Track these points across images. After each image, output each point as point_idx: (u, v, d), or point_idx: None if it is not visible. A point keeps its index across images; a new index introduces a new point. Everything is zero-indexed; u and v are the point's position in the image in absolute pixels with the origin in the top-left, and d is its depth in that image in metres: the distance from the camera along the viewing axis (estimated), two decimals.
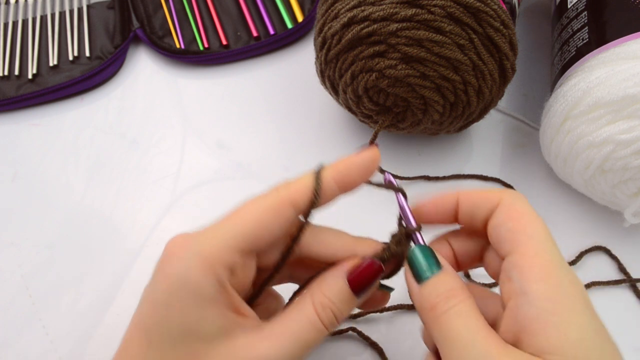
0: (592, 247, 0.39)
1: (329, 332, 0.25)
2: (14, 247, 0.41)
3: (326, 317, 0.25)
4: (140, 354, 0.24)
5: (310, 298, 0.25)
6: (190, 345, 0.23)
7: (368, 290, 0.26)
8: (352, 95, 0.38)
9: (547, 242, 0.24)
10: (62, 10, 0.53)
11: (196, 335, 0.23)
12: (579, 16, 0.38)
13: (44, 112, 0.49)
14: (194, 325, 0.23)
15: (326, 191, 0.26)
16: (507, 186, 0.42)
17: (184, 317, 0.23)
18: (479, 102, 0.37)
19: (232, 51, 0.50)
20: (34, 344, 0.36)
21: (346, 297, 0.25)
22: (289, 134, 0.46)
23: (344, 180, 0.26)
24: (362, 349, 0.35)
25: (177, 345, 0.23)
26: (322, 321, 0.25)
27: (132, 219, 0.42)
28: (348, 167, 0.26)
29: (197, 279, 0.23)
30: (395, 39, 0.34)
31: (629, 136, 0.32)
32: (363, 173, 0.26)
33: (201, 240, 0.24)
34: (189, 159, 0.45)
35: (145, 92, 0.49)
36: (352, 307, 0.26)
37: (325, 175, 0.26)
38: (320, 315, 0.25)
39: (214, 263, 0.23)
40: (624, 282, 0.37)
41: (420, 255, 0.25)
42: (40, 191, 0.44)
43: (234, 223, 0.25)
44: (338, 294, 0.25)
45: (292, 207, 0.25)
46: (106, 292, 0.38)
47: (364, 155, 0.26)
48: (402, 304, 0.36)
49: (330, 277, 0.26)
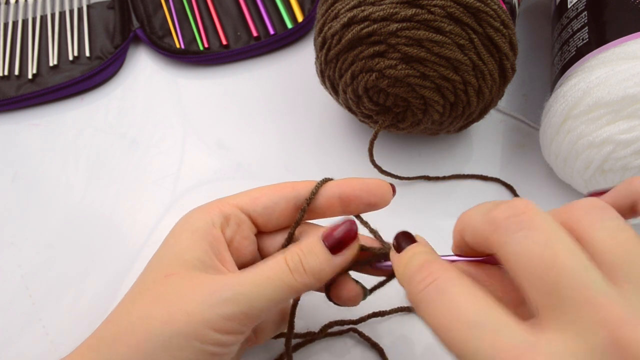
0: None
1: (294, 277, 0.25)
2: (14, 247, 0.41)
3: (292, 260, 0.26)
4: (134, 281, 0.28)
5: (283, 251, 0.27)
6: (169, 265, 0.26)
7: (342, 247, 0.26)
8: (352, 95, 0.38)
9: None
10: (62, 10, 0.53)
11: (176, 258, 0.26)
12: (579, 16, 0.38)
13: (44, 112, 0.49)
14: (178, 249, 0.27)
15: (325, 193, 0.29)
16: (507, 186, 0.42)
17: (174, 242, 0.27)
18: (479, 102, 0.37)
19: (232, 51, 0.50)
20: (34, 344, 0.36)
21: (316, 248, 0.26)
22: (289, 134, 0.46)
23: (345, 190, 0.28)
24: (363, 350, 0.35)
25: (160, 264, 0.27)
26: (288, 263, 0.26)
27: (132, 219, 0.42)
28: (353, 180, 0.29)
29: (196, 215, 0.28)
30: (395, 39, 0.34)
31: (629, 136, 0.32)
32: (365, 191, 0.28)
33: (208, 204, 0.29)
34: (189, 159, 0.45)
35: (145, 92, 0.49)
36: (323, 260, 0.26)
37: (331, 181, 0.29)
38: (286, 258, 0.26)
39: (213, 208, 0.28)
40: None
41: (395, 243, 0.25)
42: (40, 191, 0.44)
43: (240, 193, 0.29)
44: (308, 244, 0.27)
45: (294, 190, 0.29)
46: (106, 292, 0.38)
47: (372, 179, 0.29)
48: (402, 306, 0.36)
49: (306, 237, 0.28)
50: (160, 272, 0.26)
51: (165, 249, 0.28)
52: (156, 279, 0.26)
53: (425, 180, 0.42)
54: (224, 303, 0.24)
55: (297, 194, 0.28)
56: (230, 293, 0.25)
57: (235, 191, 0.44)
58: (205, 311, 0.24)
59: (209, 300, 0.24)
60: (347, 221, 0.27)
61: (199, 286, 0.25)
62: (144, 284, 0.27)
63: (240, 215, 0.28)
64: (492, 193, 0.42)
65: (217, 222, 0.27)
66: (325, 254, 0.26)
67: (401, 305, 0.36)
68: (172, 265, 0.26)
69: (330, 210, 0.29)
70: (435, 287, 0.20)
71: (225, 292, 0.25)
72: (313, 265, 0.26)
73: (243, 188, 0.30)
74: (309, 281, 0.26)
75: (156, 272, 0.27)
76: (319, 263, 0.26)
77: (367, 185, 0.29)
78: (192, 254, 0.26)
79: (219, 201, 0.29)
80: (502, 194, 0.42)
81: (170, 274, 0.26)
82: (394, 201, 0.30)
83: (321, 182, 0.29)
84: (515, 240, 0.19)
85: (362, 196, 0.28)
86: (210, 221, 0.27)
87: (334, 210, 0.29)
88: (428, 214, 0.41)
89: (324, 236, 0.27)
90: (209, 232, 0.27)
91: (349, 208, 0.29)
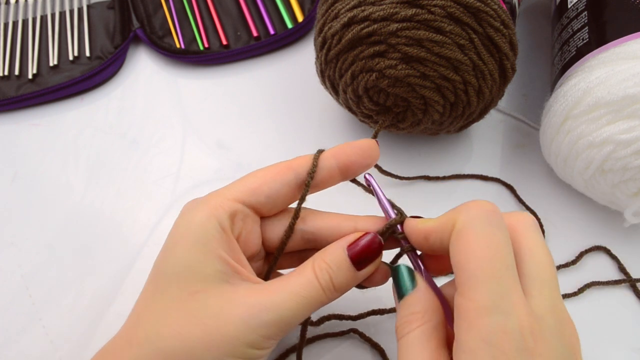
0: (592, 247, 0.39)
1: (326, 295, 0.26)
2: (14, 247, 0.41)
3: (323, 278, 0.26)
4: (148, 296, 0.26)
5: (311, 262, 0.27)
6: (191, 282, 0.25)
7: (367, 263, 0.27)
8: (352, 95, 0.38)
9: (491, 281, 0.22)
10: (62, 10, 0.53)
11: (197, 274, 0.25)
12: (579, 16, 0.38)
13: (44, 112, 0.49)
14: (195, 263, 0.25)
15: (324, 162, 0.28)
16: (507, 186, 0.42)
17: (186, 255, 0.26)
18: (479, 102, 0.37)
19: (232, 51, 0.50)
20: (34, 344, 0.36)
21: (344, 265, 0.27)
22: (289, 134, 0.46)
23: (341, 157, 0.28)
24: (363, 350, 0.35)
25: (180, 282, 0.25)
26: (320, 281, 0.26)
27: (132, 219, 0.42)
28: (345, 147, 0.29)
29: (201, 220, 0.26)
30: (395, 39, 0.34)
31: (629, 136, 0.32)
32: (360, 155, 0.29)
33: (208, 197, 0.28)
34: (189, 159, 0.45)
35: (145, 92, 0.49)
36: (350, 277, 0.27)
37: (325, 152, 0.29)
38: (318, 275, 0.26)
39: (217, 208, 0.26)
40: (623, 282, 0.37)
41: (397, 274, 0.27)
42: (40, 191, 0.44)
43: (239, 181, 0.28)
44: (336, 260, 0.27)
45: (291, 171, 0.28)
46: (106, 292, 0.38)
47: (361, 141, 0.29)
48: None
49: (332, 248, 0.27)
50: (184, 290, 0.25)
51: (175, 261, 0.26)
52: (182, 297, 0.25)
53: (425, 180, 0.42)
54: (265, 326, 0.25)
55: (297, 174, 0.28)
56: (271, 316, 0.25)
57: None
58: (247, 335, 0.24)
59: (250, 323, 0.24)
60: (373, 238, 0.27)
61: (233, 305, 0.25)
62: (167, 301, 0.25)
63: (244, 210, 0.27)
64: (492, 193, 0.42)
65: (226, 225, 0.26)
66: (353, 272, 0.27)
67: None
68: (195, 281, 0.25)
69: (331, 181, 0.29)
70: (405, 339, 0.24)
71: (265, 314, 0.25)
72: (342, 282, 0.27)
73: None
74: (337, 296, 0.27)
75: (180, 290, 0.25)
76: (347, 280, 0.27)
77: (360, 149, 0.29)
78: (213, 266, 0.25)
79: (218, 196, 0.27)
80: (502, 194, 0.42)
81: (195, 291, 0.25)
82: (394, 201, 0.30)
83: (317, 156, 0.28)
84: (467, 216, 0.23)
85: (357, 161, 0.29)
86: (219, 225, 0.26)
87: (334, 180, 0.29)
88: (428, 214, 0.41)
89: (351, 254, 0.27)
90: (222, 239, 0.26)
91: (347, 175, 0.29)
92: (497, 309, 0.21)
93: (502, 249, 0.22)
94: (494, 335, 0.21)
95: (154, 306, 0.26)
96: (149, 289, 0.27)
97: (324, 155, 0.29)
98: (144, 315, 0.26)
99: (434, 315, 0.25)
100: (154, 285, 0.27)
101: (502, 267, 0.22)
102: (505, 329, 0.21)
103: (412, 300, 0.25)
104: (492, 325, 0.21)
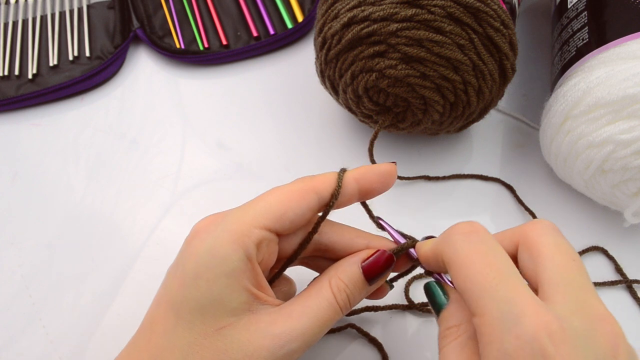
0: (589, 247, 0.39)
1: (343, 314, 0.27)
2: (14, 247, 0.41)
3: (341, 299, 0.27)
4: (168, 329, 0.25)
5: (327, 281, 0.27)
6: (218, 317, 0.25)
7: (379, 279, 0.28)
8: (352, 95, 0.38)
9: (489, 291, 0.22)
10: (62, 10, 0.53)
11: (223, 308, 0.25)
12: (579, 16, 0.38)
13: (44, 112, 0.49)
14: (221, 297, 0.25)
15: (346, 188, 0.28)
16: (507, 186, 0.42)
17: (212, 288, 0.25)
18: (479, 102, 0.37)
19: (232, 51, 0.50)
20: (34, 344, 0.36)
21: (359, 283, 0.27)
22: (289, 134, 0.46)
23: (363, 182, 0.28)
24: (361, 345, 0.35)
25: (205, 317, 0.25)
26: (338, 302, 0.27)
27: (132, 219, 0.42)
28: (367, 171, 0.29)
29: (226, 251, 0.25)
30: (395, 39, 0.34)
31: (629, 136, 0.32)
32: (381, 182, 0.29)
33: (229, 219, 0.26)
34: (189, 159, 0.45)
35: (145, 92, 0.49)
36: (363, 293, 0.28)
37: (348, 174, 0.28)
38: (336, 296, 0.27)
39: (243, 237, 0.25)
40: (620, 283, 0.37)
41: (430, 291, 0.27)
42: (40, 191, 0.44)
43: (262, 203, 0.26)
44: (352, 278, 0.27)
45: (315, 194, 0.27)
46: (106, 292, 0.38)
47: (382, 166, 0.29)
48: (396, 304, 0.36)
49: (346, 264, 0.28)
50: (211, 326, 0.25)
51: (201, 294, 0.25)
52: (208, 332, 0.25)
53: (425, 180, 0.42)
54: (291, 354, 0.25)
55: (320, 197, 0.27)
56: (298, 344, 0.25)
57: (235, 191, 0.44)
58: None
59: (277, 354, 0.25)
60: (388, 255, 0.28)
61: (259, 337, 0.25)
62: (193, 337, 0.25)
63: (270, 236, 0.26)
64: (492, 193, 0.42)
65: (252, 254, 0.25)
66: (366, 286, 0.28)
67: (395, 303, 0.36)
68: (221, 316, 0.25)
69: (349, 203, 0.29)
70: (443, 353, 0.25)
71: (292, 344, 0.25)
72: (357, 299, 0.28)
73: (243, 188, 0.30)
74: (349, 311, 0.28)
75: (205, 325, 0.25)
76: (361, 296, 0.28)
77: (381, 175, 0.29)
78: (238, 299, 0.25)
79: (242, 222, 0.26)
80: (502, 194, 0.42)
81: (222, 326, 0.25)
82: (394, 201, 0.30)
83: (341, 177, 0.28)
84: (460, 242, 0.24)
85: (378, 188, 0.29)
86: (245, 256, 0.25)
87: (352, 202, 0.29)
88: (428, 213, 0.41)
89: (364, 267, 0.28)
90: (247, 269, 0.25)
91: (365, 198, 0.30)
92: (505, 316, 0.21)
93: (490, 259, 0.22)
94: (509, 344, 0.20)
95: (178, 342, 0.25)
96: (171, 321, 0.25)
97: (346, 179, 0.28)
98: (168, 350, 0.25)
99: (469, 326, 0.24)
100: (176, 318, 0.25)
101: (496, 275, 0.22)
102: (517, 335, 0.20)
103: (447, 315, 0.26)
104: (504, 334, 0.20)
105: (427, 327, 0.36)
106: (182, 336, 0.25)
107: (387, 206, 0.36)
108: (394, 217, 0.31)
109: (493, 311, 0.21)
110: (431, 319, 0.36)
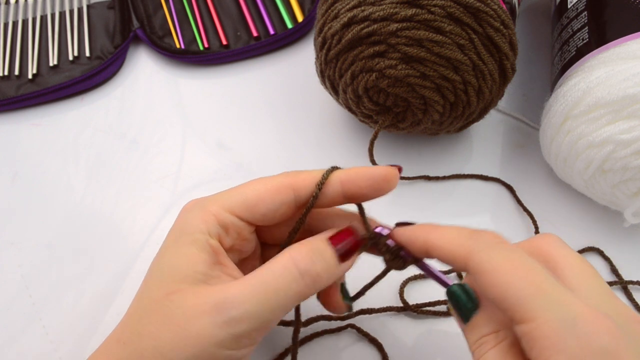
0: (585, 247, 0.39)
1: (306, 283, 0.25)
2: (14, 247, 0.41)
3: (302, 261, 0.25)
4: (136, 296, 0.27)
5: (287, 250, 0.26)
6: (170, 283, 0.25)
7: (347, 254, 0.26)
8: (352, 95, 0.38)
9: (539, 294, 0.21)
10: (62, 10, 0.53)
11: (178, 274, 0.25)
12: (579, 16, 0.38)
13: (44, 112, 0.49)
14: (179, 264, 0.26)
15: (329, 189, 0.27)
16: (507, 186, 0.42)
17: (173, 256, 0.26)
18: (479, 102, 0.37)
19: (232, 51, 0.50)
20: (34, 344, 0.36)
21: (324, 252, 0.26)
22: (289, 134, 0.46)
23: (349, 186, 0.27)
24: (361, 345, 0.35)
25: (162, 282, 0.26)
26: (297, 266, 0.25)
27: (132, 219, 0.42)
28: (357, 174, 0.27)
29: (193, 225, 0.26)
30: (395, 39, 0.34)
31: (629, 136, 0.32)
32: (371, 187, 0.27)
33: (208, 200, 0.27)
34: (189, 159, 0.45)
35: (145, 92, 0.49)
36: (329, 266, 0.26)
37: (334, 174, 0.27)
38: (295, 259, 0.25)
39: (211, 215, 0.26)
40: (616, 284, 0.37)
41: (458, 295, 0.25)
42: (40, 191, 0.44)
43: (238, 191, 0.27)
44: (316, 246, 0.26)
45: (292, 191, 0.27)
46: (106, 292, 0.38)
47: (376, 168, 0.27)
48: (390, 306, 0.36)
49: (313, 237, 0.27)
50: (162, 290, 0.25)
51: (163, 262, 0.26)
52: (159, 297, 0.25)
53: (425, 180, 0.42)
54: (233, 322, 0.23)
55: (297, 195, 0.27)
56: (238, 312, 0.23)
57: None
58: (215, 333, 0.23)
59: (216, 320, 0.23)
60: (354, 231, 0.27)
61: (204, 304, 0.24)
62: (148, 301, 0.26)
63: (238, 223, 0.27)
64: (492, 193, 0.42)
65: (213, 233, 0.26)
66: (333, 258, 0.26)
67: (390, 305, 0.36)
68: (173, 281, 0.25)
69: (333, 204, 0.28)
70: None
71: (232, 310, 0.23)
72: (324, 272, 0.25)
73: None
74: (318, 288, 0.26)
75: (158, 290, 0.25)
76: (329, 270, 0.26)
77: (373, 180, 0.27)
78: (193, 267, 0.25)
79: (215, 203, 0.27)
80: (502, 194, 0.42)
81: (172, 291, 0.25)
82: (394, 201, 0.30)
83: (323, 180, 0.27)
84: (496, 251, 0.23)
85: (367, 193, 0.27)
86: (207, 232, 0.26)
87: (337, 204, 0.28)
88: (428, 213, 0.41)
89: (331, 238, 0.26)
90: (209, 245, 0.26)
91: (354, 202, 0.28)
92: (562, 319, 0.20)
93: (530, 265, 0.22)
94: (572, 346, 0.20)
95: (138, 306, 0.26)
96: (139, 288, 0.27)
97: (331, 180, 0.27)
98: (131, 314, 0.26)
99: (509, 332, 0.23)
100: (143, 285, 0.27)
101: (543, 280, 0.21)
102: (579, 336, 0.20)
103: (480, 322, 0.24)
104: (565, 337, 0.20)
105: (425, 328, 0.36)
106: (143, 300, 0.26)
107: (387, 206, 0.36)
108: (394, 217, 0.31)
109: (547, 315, 0.20)
110: (429, 320, 0.36)
